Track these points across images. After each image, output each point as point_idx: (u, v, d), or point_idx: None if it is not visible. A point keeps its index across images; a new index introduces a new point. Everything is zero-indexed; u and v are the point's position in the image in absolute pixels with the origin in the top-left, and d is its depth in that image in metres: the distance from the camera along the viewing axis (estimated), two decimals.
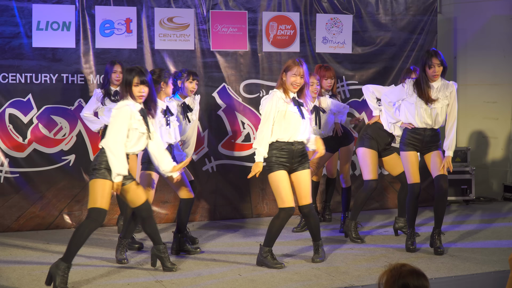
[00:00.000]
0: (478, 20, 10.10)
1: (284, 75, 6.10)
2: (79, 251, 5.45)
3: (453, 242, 7.05)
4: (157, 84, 6.31)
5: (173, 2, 8.34)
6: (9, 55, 7.78)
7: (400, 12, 9.26)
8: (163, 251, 5.87)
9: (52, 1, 7.91)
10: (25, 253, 6.68)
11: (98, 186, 5.40)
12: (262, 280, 5.64)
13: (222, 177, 8.52)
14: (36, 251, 6.77)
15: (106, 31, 8.10)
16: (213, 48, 8.50)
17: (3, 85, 7.76)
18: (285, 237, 7.23)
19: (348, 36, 9.03)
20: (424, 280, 3.08)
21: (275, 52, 8.75)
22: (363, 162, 7.09)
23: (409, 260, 6.09)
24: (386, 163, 7.34)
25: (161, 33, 8.28)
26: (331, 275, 5.78)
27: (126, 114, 5.48)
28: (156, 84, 6.27)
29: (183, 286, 5.49)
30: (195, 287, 5.46)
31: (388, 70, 9.23)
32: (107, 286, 5.47)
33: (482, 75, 10.10)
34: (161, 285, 5.51)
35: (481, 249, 6.71)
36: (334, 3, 8.97)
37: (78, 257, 5.63)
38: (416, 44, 9.31)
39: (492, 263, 6.16)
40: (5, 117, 7.76)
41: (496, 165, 9.82)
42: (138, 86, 5.55)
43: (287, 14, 8.77)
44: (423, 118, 6.49)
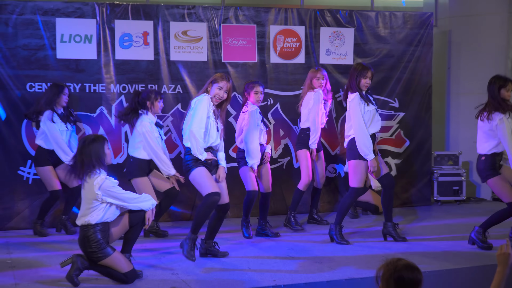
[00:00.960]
0: (471, 33, 10.16)
1: (210, 85, 6.18)
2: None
3: (446, 240, 7.14)
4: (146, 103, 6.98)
5: (187, 16, 8.42)
6: (35, 65, 7.87)
7: (398, 26, 9.31)
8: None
9: (74, 15, 7.99)
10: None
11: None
12: (270, 269, 5.76)
13: (232, 179, 8.38)
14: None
15: (125, 43, 8.18)
16: (224, 60, 8.58)
17: (30, 93, 7.84)
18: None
19: (350, 48, 9.08)
20: (417, 273, 3.20)
21: (282, 63, 8.80)
22: (355, 172, 6.87)
23: (404, 255, 6.16)
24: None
25: (176, 45, 8.38)
26: (333, 268, 5.91)
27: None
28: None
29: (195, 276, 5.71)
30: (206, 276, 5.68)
31: (387, 80, 9.28)
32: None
33: (473, 85, 10.09)
34: (177, 277, 5.71)
35: (471, 246, 6.77)
36: (337, 17, 9.03)
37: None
38: (413, 55, 9.36)
39: (481, 258, 6.25)
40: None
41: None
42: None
43: (293, 28, 8.85)
44: None
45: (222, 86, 6.15)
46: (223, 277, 5.73)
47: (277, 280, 5.55)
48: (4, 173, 7.84)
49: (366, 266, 5.98)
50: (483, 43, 10.12)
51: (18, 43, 7.87)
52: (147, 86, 8.26)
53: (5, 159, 7.85)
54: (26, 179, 7.92)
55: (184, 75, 8.44)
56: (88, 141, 5.49)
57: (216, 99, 6.17)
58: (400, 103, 9.38)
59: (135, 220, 5.64)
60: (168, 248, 6.85)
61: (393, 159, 9.34)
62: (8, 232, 7.72)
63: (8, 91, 7.84)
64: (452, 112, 10.46)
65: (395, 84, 9.34)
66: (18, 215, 7.90)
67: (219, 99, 6.19)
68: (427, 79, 9.52)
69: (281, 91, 8.69)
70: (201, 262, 6.26)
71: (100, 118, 8.14)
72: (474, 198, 10.09)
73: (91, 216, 5.39)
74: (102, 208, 5.41)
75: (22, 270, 5.97)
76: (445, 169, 9.56)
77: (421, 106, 9.50)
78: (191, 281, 5.57)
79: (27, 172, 7.91)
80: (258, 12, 8.77)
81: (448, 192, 9.54)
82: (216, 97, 6.16)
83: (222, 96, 6.17)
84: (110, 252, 5.43)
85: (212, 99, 6.18)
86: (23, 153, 7.90)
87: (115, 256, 5.46)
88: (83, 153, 5.44)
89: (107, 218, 5.46)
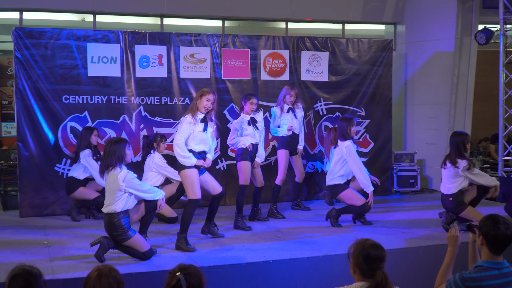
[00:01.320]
0: (424, 55, 10.10)
1: (199, 98, 5.96)
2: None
3: (404, 222, 7.06)
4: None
5: (194, 42, 8.34)
6: (69, 81, 7.79)
7: (364, 50, 9.24)
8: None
9: (102, 40, 7.91)
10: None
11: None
12: (261, 248, 5.67)
13: (230, 173, 8.51)
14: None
15: (143, 64, 8.09)
16: (224, 77, 8.49)
17: (65, 104, 7.76)
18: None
19: (325, 68, 9.00)
20: (382, 251, 3.16)
21: (270, 80, 8.72)
22: (352, 198, 6.84)
23: (371, 236, 6.13)
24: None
25: (185, 65, 8.28)
26: (312, 247, 5.83)
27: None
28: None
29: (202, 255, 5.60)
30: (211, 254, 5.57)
31: (356, 93, 9.19)
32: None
33: (426, 97, 10.10)
34: (184, 254, 5.60)
35: (425, 229, 6.68)
36: (315, 43, 8.96)
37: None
38: (376, 73, 9.28)
39: (433, 239, 6.17)
40: (67, 128, 7.79)
41: (436, 164, 9.88)
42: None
43: (280, 52, 8.77)
44: None
45: (209, 98, 6.00)
46: (222, 254, 5.63)
47: (266, 256, 5.45)
48: (43, 169, 7.72)
49: (340, 245, 5.90)
50: (433, 63, 10.06)
51: (55, 63, 7.77)
52: (161, 99, 8.18)
53: (44, 158, 7.73)
54: (61, 174, 7.78)
55: (191, 89, 8.34)
56: (112, 142, 5.40)
57: (205, 109, 5.98)
58: (366, 112, 9.30)
59: (149, 207, 5.57)
60: (177, 230, 6.68)
61: (360, 158, 9.19)
62: (46, 217, 7.56)
63: (47, 102, 7.73)
64: (408, 119, 10.39)
65: (362, 96, 9.26)
66: (54, 204, 7.76)
67: (207, 109, 6.00)
68: (387, 92, 9.44)
69: (270, 102, 8.57)
70: (204, 242, 6.13)
71: (122, 124, 8.05)
72: (427, 189, 9.99)
73: (116, 205, 5.27)
74: (124, 197, 5.30)
75: (56, 249, 5.83)
76: (403, 166, 9.48)
77: (383, 114, 9.42)
78: (197, 257, 5.46)
79: (62, 168, 7.79)
80: (251, 39, 8.71)
81: (405, 184, 9.44)
82: (204, 107, 5.97)
83: (209, 106, 6.00)
84: (132, 235, 5.33)
85: (200, 110, 5.97)
86: (59, 152, 7.78)
87: (136, 237, 5.37)
88: (108, 152, 5.32)
89: (128, 206, 5.36)
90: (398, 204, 8.54)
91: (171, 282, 2.89)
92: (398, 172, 9.41)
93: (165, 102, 8.22)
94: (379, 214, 7.67)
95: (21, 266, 2.95)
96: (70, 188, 7.36)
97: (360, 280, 3.15)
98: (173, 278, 2.90)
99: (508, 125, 9.17)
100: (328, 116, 9.08)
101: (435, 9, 9.96)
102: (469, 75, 10.00)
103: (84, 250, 5.67)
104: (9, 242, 6.10)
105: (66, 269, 5.05)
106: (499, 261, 3.30)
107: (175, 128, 8.19)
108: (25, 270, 2.93)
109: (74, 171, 7.38)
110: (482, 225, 3.34)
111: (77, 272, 4.94)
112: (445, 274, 3.47)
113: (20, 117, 7.62)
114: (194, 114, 5.93)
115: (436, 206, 8.02)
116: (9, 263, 5.07)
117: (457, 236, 3.53)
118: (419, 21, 10.16)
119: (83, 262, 5.29)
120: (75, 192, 7.33)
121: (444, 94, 9.99)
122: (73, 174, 7.38)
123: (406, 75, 10.34)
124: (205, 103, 5.97)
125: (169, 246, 5.97)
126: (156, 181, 7.08)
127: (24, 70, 7.61)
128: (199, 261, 5.31)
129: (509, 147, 9.13)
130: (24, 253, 5.62)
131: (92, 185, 7.41)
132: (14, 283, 2.89)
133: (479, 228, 3.35)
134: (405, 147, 10.35)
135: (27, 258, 5.40)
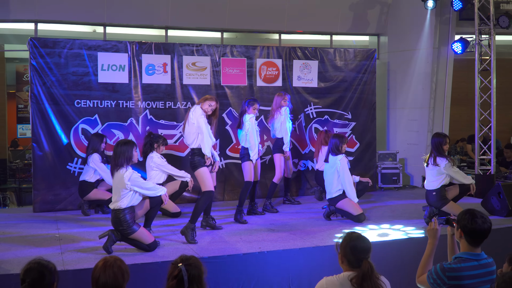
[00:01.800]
0: (405, 63, 10.06)
1: (203, 101, 6.02)
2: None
3: (387, 217, 6.98)
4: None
5: (196, 52, 8.27)
6: (81, 87, 7.72)
7: (351, 59, 9.18)
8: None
9: (112, 50, 7.85)
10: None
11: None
12: (256, 240, 5.61)
13: (229, 171, 8.45)
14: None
15: (149, 71, 8.02)
16: (223, 84, 8.42)
17: (77, 108, 7.69)
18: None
19: (315, 75, 8.94)
20: (367, 242, 3.13)
21: (265, 86, 8.66)
22: (349, 205, 6.72)
23: (357, 229, 6.11)
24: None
25: (187, 73, 8.21)
26: (304, 239, 5.77)
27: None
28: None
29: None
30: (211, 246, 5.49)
31: (343, 98, 9.13)
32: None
33: (407, 101, 10.05)
34: (186, 246, 5.52)
35: (407, 221, 6.61)
36: (305, 52, 8.91)
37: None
38: (362, 80, 9.23)
39: (415, 231, 6.10)
40: (79, 130, 7.71)
41: (417, 163, 9.84)
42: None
43: (273, 60, 8.71)
44: None
45: (211, 104, 6.03)
46: (221, 245, 5.54)
47: (262, 248, 5.36)
48: (55, 167, 7.62)
49: (329, 237, 5.84)
50: (414, 70, 10.01)
51: (68, 70, 7.69)
52: (166, 104, 8.09)
53: (57, 157, 7.63)
54: (72, 172, 7.69)
55: (193, 95, 8.26)
56: (121, 143, 5.33)
57: (207, 111, 6.02)
58: (352, 115, 9.23)
59: (153, 202, 5.50)
60: (180, 223, 6.60)
61: (347, 157, 9.14)
62: (58, 212, 7.46)
63: (60, 106, 7.65)
64: (391, 122, 10.33)
65: (348, 101, 9.20)
66: (66, 200, 7.65)
67: (206, 112, 6.02)
68: (372, 97, 9.38)
69: (264, 106, 8.49)
70: (203, 234, 6.04)
71: (130, 127, 7.95)
72: (408, 185, 9.91)
73: (121, 202, 5.19)
74: (129, 195, 5.23)
75: (67, 241, 5.73)
76: (386, 164, 9.41)
77: (368, 117, 9.36)
78: (197, 248, 5.38)
79: (74, 167, 7.69)
80: (247, 49, 8.64)
81: (389, 181, 9.36)
82: (205, 110, 6.00)
83: (209, 111, 6.02)
84: (136, 229, 5.25)
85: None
86: (71, 152, 7.69)
87: (140, 231, 5.29)
88: (117, 153, 5.24)
89: (133, 203, 5.28)
90: (382, 199, 8.46)
91: (173, 272, 2.85)
92: (382, 170, 9.33)
93: (169, 106, 8.13)
94: (364, 208, 7.56)
95: (37, 260, 2.87)
96: (84, 191, 7.21)
97: (348, 270, 3.10)
98: (175, 268, 2.86)
99: (483, 126, 9.11)
100: (318, 119, 9.02)
101: (415, 21, 9.92)
102: (447, 81, 9.95)
103: (94, 243, 5.59)
104: (22, 236, 5.99)
105: (76, 261, 4.95)
106: (478, 252, 3.23)
107: (178, 129, 8.12)
108: (40, 264, 2.86)
109: (85, 174, 7.23)
110: (460, 219, 3.27)
111: (86, 263, 4.84)
112: (426, 265, 3.41)
113: (35, 120, 7.53)
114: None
115: (417, 201, 8.00)
116: (22, 257, 4.97)
117: (437, 229, 3.47)
118: (401, 33, 10.13)
119: (93, 254, 5.20)
120: (89, 194, 7.19)
121: (424, 98, 9.94)
122: (85, 177, 7.23)
123: (389, 81, 10.28)
124: (206, 107, 5.93)
125: (172, 238, 5.87)
126: (158, 178, 6.93)
127: (39, 77, 7.53)
128: (200, 252, 5.22)
129: (484, 147, 9.07)
130: (37, 247, 5.52)
131: (103, 186, 7.30)
132: (28, 275, 2.82)
133: (458, 221, 3.29)
134: (388, 147, 10.29)
135: (39, 251, 5.31)
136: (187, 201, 8.07)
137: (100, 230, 5.94)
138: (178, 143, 8.16)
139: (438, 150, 6.41)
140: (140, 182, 5.25)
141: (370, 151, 9.40)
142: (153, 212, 5.60)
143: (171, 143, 8.06)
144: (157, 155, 7.00)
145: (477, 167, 9.02)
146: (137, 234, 5.25)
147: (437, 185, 6.45)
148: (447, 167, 6.34)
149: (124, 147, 5.27)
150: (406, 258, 5.57)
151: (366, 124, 9.34)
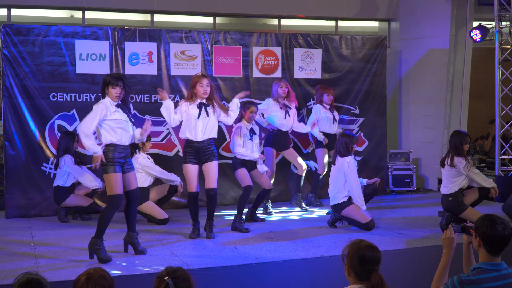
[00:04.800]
0: (418, 52, 10.08)
1: (194, 88, 6.07)
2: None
3: (400, 223, 6.99)
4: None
5: (185, 39, 8.28)
6: (57, 79, 7.72)
7: (358, 47, 9.20)
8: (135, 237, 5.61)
9: (91, 37, 7.85)
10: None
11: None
12: (253, 252, 5.61)
13: (222, 171, 8.28)
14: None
15: (133, 61, 8.04)
16: (215, 75, 8.43)
17: (53, 102, 7.69)
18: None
19: (318, 65, 8.96)
20: (377, 252, 3.11)
21: (263, 77, 8.67)
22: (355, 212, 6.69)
23: (366, 237, 6.09)
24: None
25: (175, 63, 8.22)
26: (306, 248, 5.77)
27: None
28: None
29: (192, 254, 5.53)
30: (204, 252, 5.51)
31: (349, 91, 9.16)
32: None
33: (421, 95, 10.07)
34: (175, 256, 5.53)
35: (421, 229, 6.60)
36: (308, 40, 8.92)
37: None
38: (370, 71, 9.25)
39: (430, 240, 6.09)
40: (55, 127, 7.72)
41: (432, 163, 9.88)
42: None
43: (272, 49, 8.72)
44: None
45: (202, 83, 6.05)
46: (214, 254, 5.56)
47: (259, 258, 5.37)
48: (29, 168, 7.63)
49: (334, 246, 5.84)
50: (428, 60, 10.04)
51: (43, 60, 7.70)
52: (151, 97, 8.10)
53: (31, 157, 7.64)
54: (48, 173, 7.70)
55: (182, 87, 8.27)
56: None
57: (203, 96, 6.05)
58: (360, 110, 9.27)
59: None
60: (167, 231, 6.63)
61: (355, 156, 9.16)
62: (32, 219, 7.44)
63: (34, 100, 7.66)
64: (403, 117, 10.36)
65: (356, 94, 9.23)
66: (41, 205, 7.67)
67: (206, 94, 6.05)
68: (382, 90, 9.41)
69: (262, 100, 8.43)
70: (196, 243, 6.06)
71: None
72: (423, 188, 9.95)
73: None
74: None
75: (42, 251, 5.72)
76: (398, 165, 9.44)
77: (378, 113, 9.39)
78: (187, 259, 5.37)
79: (49, 168, 7.71)
80: (243, 36, 8.65)
81: (401, 183, 9.39)
82: (203, 94, 6.04)
83: (206, 90, 6.03)
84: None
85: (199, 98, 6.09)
86: (46, 151, 7.70)
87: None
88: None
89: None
90: (393, 204, 8.49)
91: (159, 287, 2.83)
92: (393, 171, 9.37)
93: (155, 100, 8.12)
94: (374, 214, 7.59)
95: (28, 275, 2.88)
96: (60, 198, 7.12)
97: (355, 283, 3.10)
98: (161, 282, 2.82)
99: (504, 123, 9.15)
100: None
101: (430, 5, 9.95)
102: (465, 72, 9.99)
103: (72, 251, 5.59)
104: None
105: (53, 272, 4.95)
106: (498, 262, 3.24)
107: (165, 126, 8.12)
108: (34, 279, 2.86)
109: (59, 179, 7.14)
110: (478, 225, 3.28)
111: (64, 275, 4.85)
112: (441, 277, 3.41)
113: (7, 116, 7.53)
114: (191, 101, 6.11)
115: (433, 206, 8.01)
116: None
117: (452, 238, 3.46)
118: (414, 18, 10.14)
119: (70, 263, 5.20)
120: (66, 200, 7.11)
121: (440, 91, 9.97)
122: (59, 182, 7.13)
123: (401, 72, 10.31)
124: (200, 90, 6.06)
125: (159, 247, 5.88)
126: (143, 181, 6.90)
127: (11, 68, 7.55)
128: (190, 263, 5.24)
129: (506, 146, 9.11)
130: (10, 255, 5.52)
131: (81, 189, 7.27)
132: None
133: (476, 229, 3.30)
134: (400, 146, 10.32)
135: (12, 259, 5.31)
136: (175, 206, 8.09)
137: (79, 236, 5.94)
138: (165, 141, 8.17)
139: (457, 150, 6.44)
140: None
141: (380, 150, 9.43)
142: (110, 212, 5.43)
143: (157, 142, 8.07)
144: (142, 155, 6.98)
145: (497, 168, 9.07)
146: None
147: (454, 188, 6.48)
148: (465, 168, 6.37)
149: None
150: (419, 269, 5.57)
151: (375, 120, 9.37)
